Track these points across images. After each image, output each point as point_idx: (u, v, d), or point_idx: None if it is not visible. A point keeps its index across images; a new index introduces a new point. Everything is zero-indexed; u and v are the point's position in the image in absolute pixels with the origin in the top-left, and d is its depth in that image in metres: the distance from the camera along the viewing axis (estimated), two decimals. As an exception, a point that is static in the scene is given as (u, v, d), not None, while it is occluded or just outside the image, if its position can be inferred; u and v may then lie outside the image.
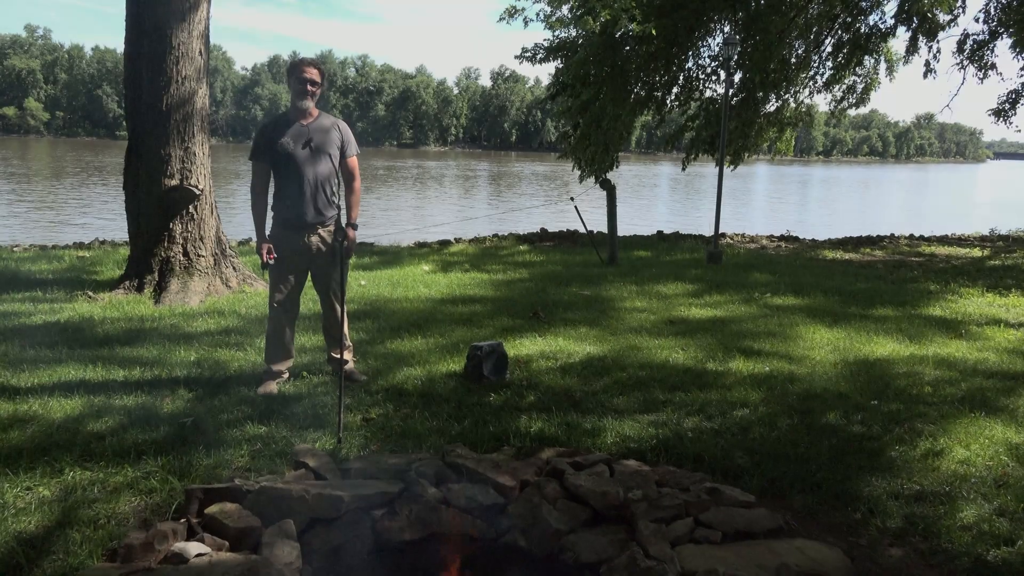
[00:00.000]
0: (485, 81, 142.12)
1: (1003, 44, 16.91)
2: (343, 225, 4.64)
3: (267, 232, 4.62)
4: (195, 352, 5.35)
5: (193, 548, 2.75)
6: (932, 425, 4.38)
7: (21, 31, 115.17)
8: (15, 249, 10.70)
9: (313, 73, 4.48)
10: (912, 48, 15.44)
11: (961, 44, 16.27)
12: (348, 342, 4.94)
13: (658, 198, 38.67)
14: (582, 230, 13.23)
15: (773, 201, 39.38)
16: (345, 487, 3.21)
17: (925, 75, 15.97)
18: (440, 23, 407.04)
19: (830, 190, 52.91)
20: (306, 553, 2.91)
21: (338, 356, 4.84)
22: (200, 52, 7.34)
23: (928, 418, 4.50)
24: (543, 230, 14.79)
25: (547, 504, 3.23)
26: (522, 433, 4.06)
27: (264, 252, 4.51)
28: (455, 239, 14.09)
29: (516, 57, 18.69)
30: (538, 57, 18.19)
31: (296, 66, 4.49)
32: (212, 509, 3.02)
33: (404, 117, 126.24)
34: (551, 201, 27.98)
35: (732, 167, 17.57)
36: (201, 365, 5.08)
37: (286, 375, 4.82)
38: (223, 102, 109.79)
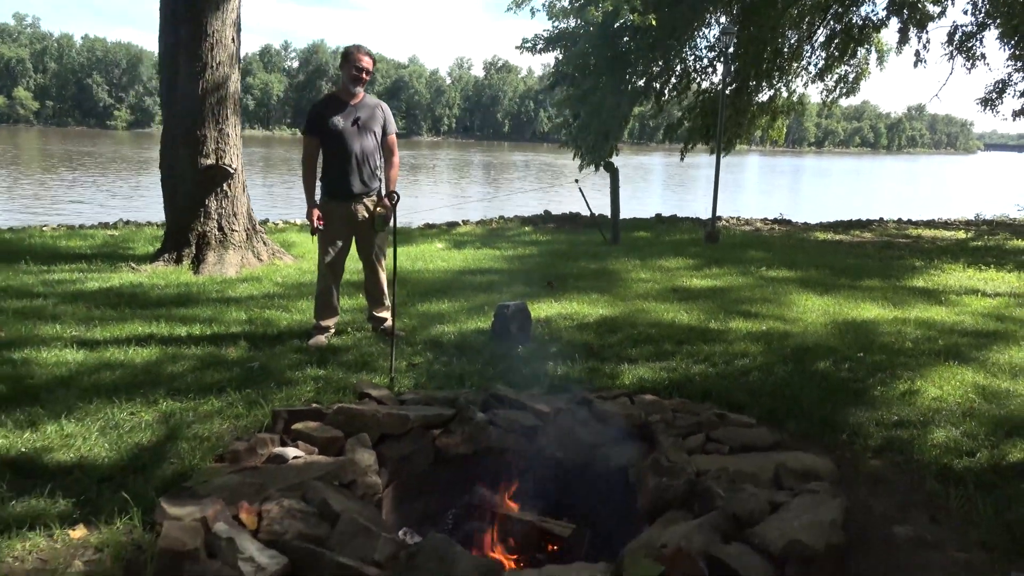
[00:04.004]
0: (478, 71, 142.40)
1: (991, 35, 17.45)
2: (383, 195, 5.19)
3: (317, 201, 5.14)
4: (245, 312, 5.87)
5: (290, 452, 3.29)
6: (911, 372, 4.93)
7: (9, 19, 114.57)
8: (44, 229, 11.16)
9: (368, 63, 5.01)
10: (903, 39, 15.99)
11: (951, 35, 16.85)
12: (387, 301, 5.47)
13: (653, 186, 39.22)
14: (584, 213, 13.78)
15: (766, 188, 39.98)
16: (407, 410, 3.75)
17: (915, 64, 16.56)
18: (432, 12, 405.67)
19: (822, 179, 53.56)
20: (379, 460, 3.45)
21: (379, 314, 5.40)
22: (232, 39, 7.83)
23: (908, 366, 5.06)
24: (547, 212, 15.34)
25: (579, 425, 3.78)
26: (550, 375, 4.61)
27: (315, 218, 5.03)
28: (463, 221, 14.61)
29: (516, 47, 19.15)
30: (538, 47, 18.70)
31: (352, 54, 5.00)
32: (298, 426, 3.55)
33: (397, 107, 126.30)
34: (544, 189, 28.51)
35: (724, 154, 18.17)
36: (253, 323, 5.61)
37: (332, 330, 5.35)
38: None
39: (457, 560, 2.51)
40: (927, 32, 15.90)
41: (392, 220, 4.88)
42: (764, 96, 18.10)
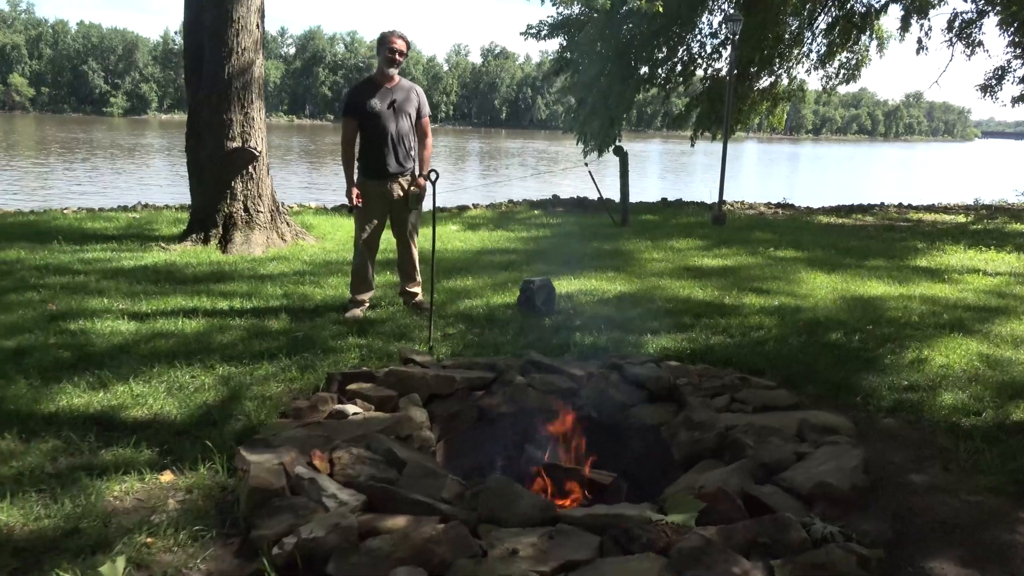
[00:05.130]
0: (475, 58, 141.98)
1: (990, 22, 17.64)
2: (416, 176, 5.44)
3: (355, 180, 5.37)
4: (280, 288, 6.12)
5: (350, 408, 3.56)
6: (918, 342, 5.20)
7: (4, 5, 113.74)
8: (65, 211, 11.37)
9: (401, 45, 5.23)
10: (905, 25, 16.18)
11: (951, 23, 17.05)
12: (419, 277, 5.72)
13: (651, 172, 39.47)
14: (590, 197, 14.02)
15: (765, 175, 40.25)
16: (452, 373, 4.00)
17: (917, 52, 16.78)
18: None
19: (821, 165, 53.80)
20: (430, 418, 3.71)
21: (411, 289, 5.66)
22: (257, 25, 8.03)
23: (915, 338, 5.32)
24: (555, 196, 15.58)
25: (611, 387, 4.05)
26: (578, 344, 4.87)
27: (353, 196, 5.27)
28: (472, 204, 14.84)
29: (521, 33, 19.39)
30: (542, 34, 18.92)
31: (387, 38, 5.22)
32: (352, 386, 3.81)
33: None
34: (545, 174, 28.70)
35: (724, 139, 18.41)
36: (289, 297, 5.86)
37: (367, 304, 5.60)
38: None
39: (518, 498, 2.78)
40: (928, 19, 16.10)
41: (432, 197, 5.08)
42: (765, 82, 18.31)
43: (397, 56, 5.25)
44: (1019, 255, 9.31)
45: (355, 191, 5.26)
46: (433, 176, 4.83)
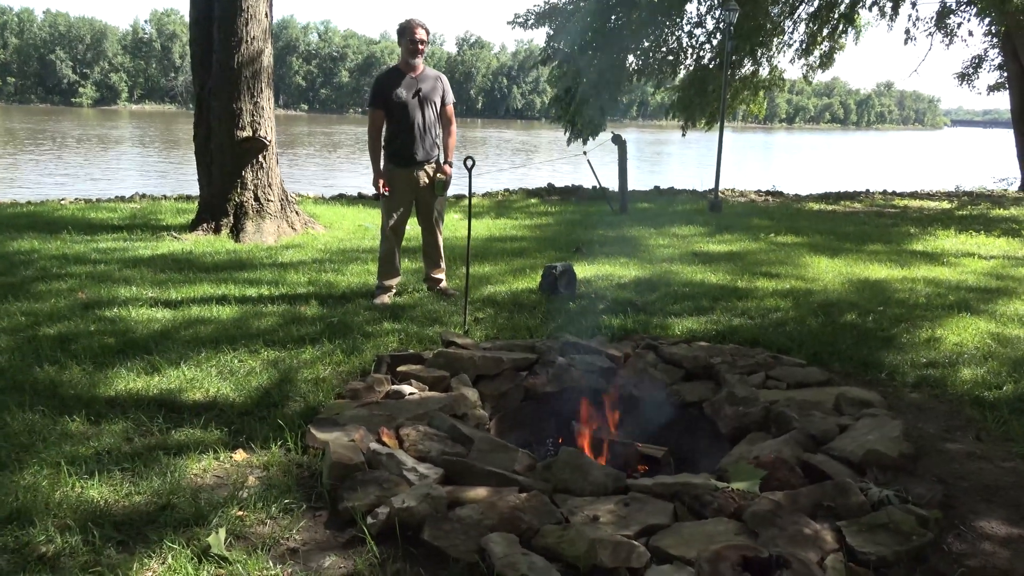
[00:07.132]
0: (451, 47, 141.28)
1: (971, 11, 17.97)
2: (442, 163, 5.52)
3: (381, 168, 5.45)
4: (303, 275, 6.18)
5: (406, 389, 3.66)
6: (929, 322, 5.40)
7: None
8: (63, 202, 11.28)
9: (422, 34, 5.31)
10: (894, 13, 16.47)
11: (940, 14, 17.38)
12: (443, 263, 5.82)
13: (630, 160, 39.76)
14: (584, 185, 14.19)
15: (747, 164, 40.63)
16: (498, 354, 4.12)
17: (905, 42, 17.10)
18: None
19: (798, 154, 54.39)
20: (480, 397, 3.82)
21: (436, 275, 5.75)
22: (266, 14, 8.02)
23: (925, 318, 5.52)
24: (550, 185, 15.71)
25: (649, 367, 4.19)
26: (607, 327, 5.00)
27: (380, 185, 5.35)
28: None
29: (508, 23, 19.48)
30: (529, 22, 18.97)
31: (409, 28, 5.29)
32: (403, 368, 3.91)
33: (368, 83, 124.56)
34: (518, 165, 28.84)
35: (706, 129, 18.69)
36: (315, 284, 5.92)
37: (394, 290, 5.69)
38: (182, 68, 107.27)
39: (589, 468, 2.91)
40: (916, 9, 16.41)
41: (468, 184, 5.15)
42: (746, 70, 18.56)
43: (420, 46, 5.32)
44: (1008, 239, 9.61)
45: (382, 180, 5.33)
46: (470, 163, 4.89)
